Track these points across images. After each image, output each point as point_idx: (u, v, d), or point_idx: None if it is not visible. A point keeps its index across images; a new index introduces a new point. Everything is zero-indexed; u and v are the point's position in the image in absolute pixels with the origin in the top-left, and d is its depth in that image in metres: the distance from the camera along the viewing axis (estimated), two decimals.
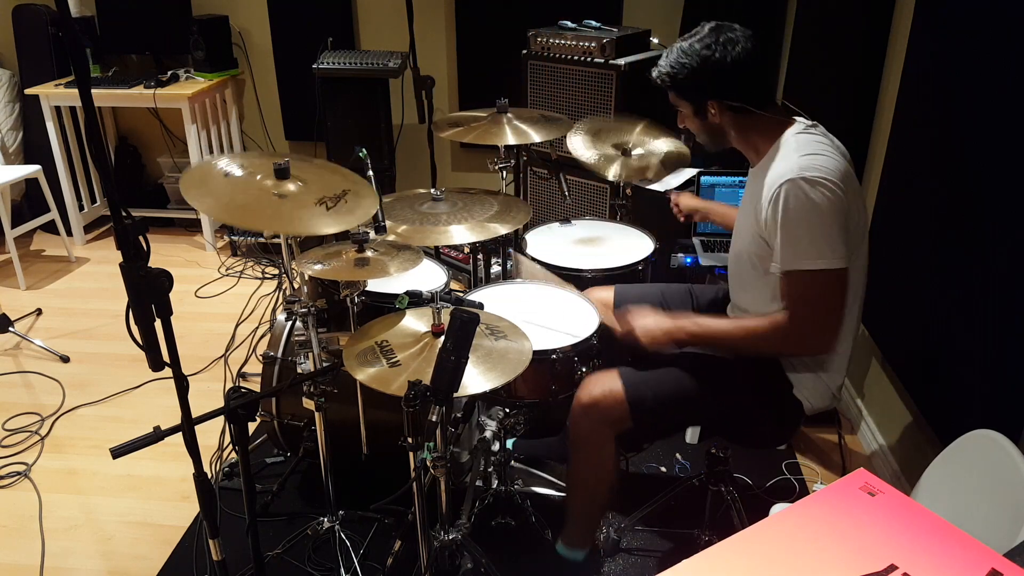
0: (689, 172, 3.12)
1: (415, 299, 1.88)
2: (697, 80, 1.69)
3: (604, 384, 1.81)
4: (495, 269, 3.16)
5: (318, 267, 1.85)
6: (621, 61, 3.15)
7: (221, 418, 1.63)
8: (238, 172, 1.76)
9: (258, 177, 1.77)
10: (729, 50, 1.65)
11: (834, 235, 1.57)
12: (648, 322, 1.79)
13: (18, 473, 2.54)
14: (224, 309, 3.57)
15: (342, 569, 2.08)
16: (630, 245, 2.45)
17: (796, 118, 1.72)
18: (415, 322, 1.77)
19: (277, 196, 1.73)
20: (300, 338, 1.95)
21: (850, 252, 1.60)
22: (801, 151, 1.62)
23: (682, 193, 2.36)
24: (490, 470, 2.24)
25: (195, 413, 1.52)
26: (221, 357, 3.16)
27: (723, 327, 1.74)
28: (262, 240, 4.07)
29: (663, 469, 2.48)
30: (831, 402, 1.82)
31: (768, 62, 1.75)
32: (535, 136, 2.39)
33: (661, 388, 1.80)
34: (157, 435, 1.52)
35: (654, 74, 1.77)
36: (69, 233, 4.22)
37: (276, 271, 3.92)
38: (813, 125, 1.71)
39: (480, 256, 2.66)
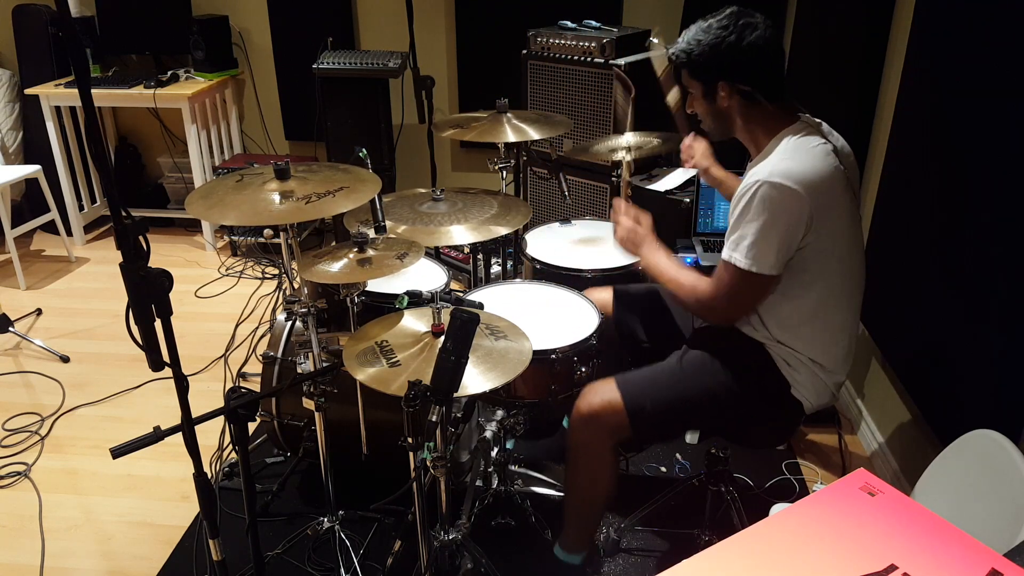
0: (689, 172, 3.13)
1: (415, 299, 1.88)
2: (710, 58, 1.68)
3: (602, 395, 1.81)
4: (495, 269, 3.17)
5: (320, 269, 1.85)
6: (621, 61, 3.15)
7: (221, 418, 1.63)
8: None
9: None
10: (747, 33, 1.65)
11: (773, 244, 1.61)
12: (626, 231, 1.95)
13: (18, 473, 2.54)
14: (224, 309, 3.57)
15: (342, 569, 2.08)
16: None
17: (800, 115, 1.73)
18: (415, 322, 1.77)
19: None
20: (300, 338, 1.95)
21: (784, 262, 1.65)
22: (784, 155, 1.64)
23: (700, 141, 2.24)
24: (490, 470, 2.24)
25: (195, 413, 1.52)
26: (221, 357, 3.16)
27: (667, 269, 1.84)
28: (262, 240, 4.07)
29: (663, 469, 2.48)
30: (830, 400, 1.83)
31: (783, 55, 1.75)
32: (534, 134, 2.39)
33: (659, 395, 1.80)
34: (157, 435, 1.52)
35: (670, 52, 1.77)
36: (69, 233, 4.22)
37: (276, 271, 3.92)
38: (817, 124, 1.71)
39: (480, 256, 2.67)
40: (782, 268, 1.65)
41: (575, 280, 2.25)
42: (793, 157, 1.62)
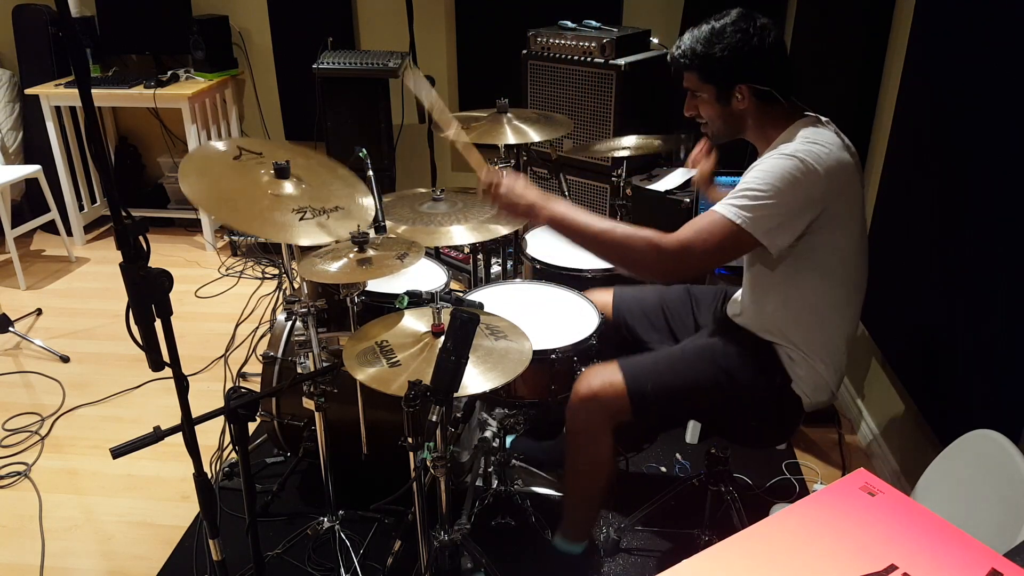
0: (689, 172, 3.13)
1: (415, 299, 1.88)
2: (732, 62, 1.67)
3: (604, 376, 1.80)
4: (495, 269, 3.17)
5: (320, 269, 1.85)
6: (621, 61, 3.15)
7: (221, 418, 1.63)
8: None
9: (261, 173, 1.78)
10: (765, 35, 1.65)
11: (777, 211, 1.58)
12: (516, 185, 1.77)
13: (18, 473, 2.53)
14: (224, 309, 3.57)
15: (342, 569, 2.08)
16: None
17: (807, 113, 1.73)
18: (415, 322, 1.77)
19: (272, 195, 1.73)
20: (300, 338, 1.95)
21: (779, 236, 1.60)
22: (807, 138, 1.63)
23: (710, 158, 2.21)
24: (490, 470, 2.24)
25: (195, 413, 1.52)
26: (221, 357, 3.16)
27: (595, 224, 1.69)
28: (262, 240, 4.07)
29: (663, 469, 2.48)
30: (829, 397, 1.82)
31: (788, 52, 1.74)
32: (535, 136, 2.39)
33: (661, 380, 1.80)
34: (157, 435, 1.52)
35: (677, 52, 1.73)
36: (69, 233, 4.22)
37: (276, 271, 3.92)
38: (826, 122, 1.72)
39: (480, 256, 2.67)
40: (775, 242, 1.61)
41: (575, 280, 2.25)
42: (818, 141, 1.62)
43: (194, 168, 1.76)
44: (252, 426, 2.12)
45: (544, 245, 2.46)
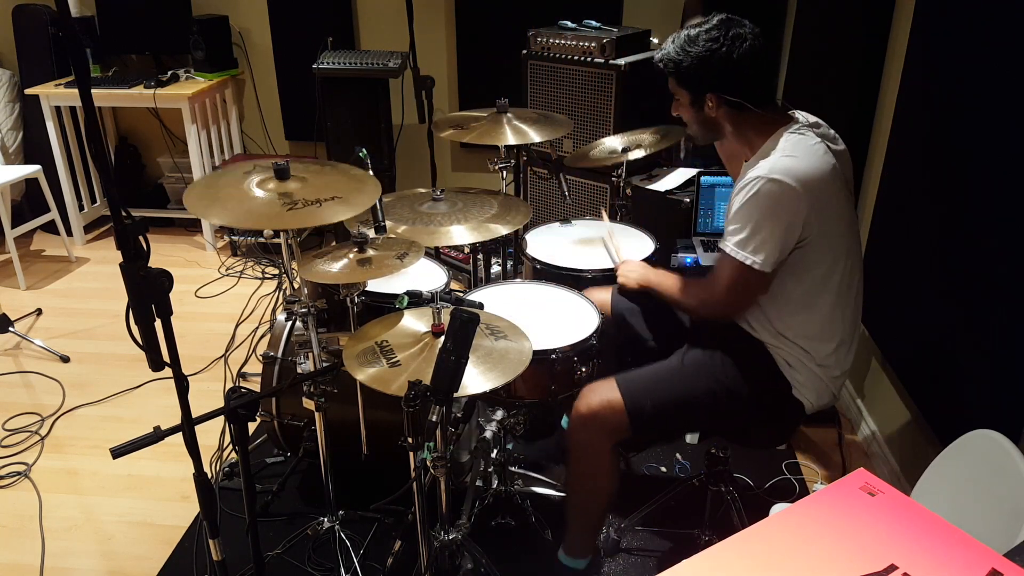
0: (689, 172, 3.13)
1: (415, 299, 1.88)
2: (700, 71, 1.68)
3: (602, 394, 1.80)
4: (495, 269, 3.17)
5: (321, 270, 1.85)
6: (621, 61, 3.15)
7: (221, 418, 1.63)
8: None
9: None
10: (736, 46, 1.64)
11: (770, 241, 1.62)
12: (628, 267, 2.06)
13: (18, 473, 2.53)
14: (224, 309, 3.57)
15: (342, 569, 2.08)
16: (630, 245, 2.45)
17: (797, 114, 1.73)
18: (415, 322, 1.77)
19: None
20: (300, 338, 1.95)
21: (779, 260, 1.66)
22: (785, 152, 1.64)
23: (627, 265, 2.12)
24: (490, 470, 2.24)
25: (195, 413, 1.52)
26: (221, 357, 3.16)
27: (668, 285, 1.91)
28: (262, 240, 4.06)
29: (663, 469, 2.48)
30: (831, 400, 1.82)
31: (772, 61, 1.75)
32: (535, 136, 2.39)
33: (660, 395, 1.80)
34: (157, 435, 1.52)
35: (657, 57, 1.76)
36: (69, 233, 4.22)
37: (276, 271, 3.92)
38: (815, 124, 1.71)
39: (480, 256, 2.67)
40: (776, 266, 1.66)
41: (575, 280, 2.25)
42: (794, 154, 1.63)
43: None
44: (252, 426, 2.12)
45: (544, 245, 2.46)
